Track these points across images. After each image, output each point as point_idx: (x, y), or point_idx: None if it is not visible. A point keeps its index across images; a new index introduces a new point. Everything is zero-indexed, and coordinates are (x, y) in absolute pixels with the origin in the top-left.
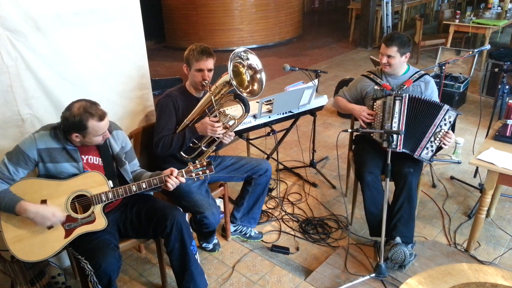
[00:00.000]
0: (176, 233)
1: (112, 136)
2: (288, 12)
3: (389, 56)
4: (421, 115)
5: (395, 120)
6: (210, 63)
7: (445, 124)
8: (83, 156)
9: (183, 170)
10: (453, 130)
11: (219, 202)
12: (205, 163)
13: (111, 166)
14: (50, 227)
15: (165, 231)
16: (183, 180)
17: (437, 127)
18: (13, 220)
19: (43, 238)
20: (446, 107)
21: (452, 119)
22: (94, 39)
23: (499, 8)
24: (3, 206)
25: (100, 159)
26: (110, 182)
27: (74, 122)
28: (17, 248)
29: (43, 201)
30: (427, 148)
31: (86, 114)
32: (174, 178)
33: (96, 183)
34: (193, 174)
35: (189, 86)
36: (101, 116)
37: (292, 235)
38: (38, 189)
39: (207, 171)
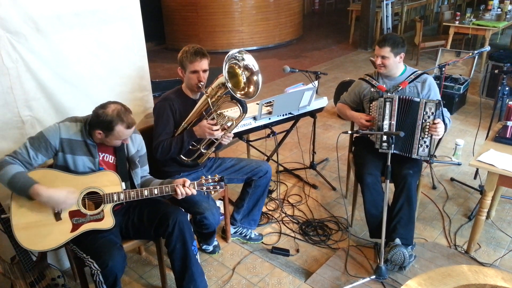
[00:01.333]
0: (178, 232)
1: (131, 138)
2: (288, 13)
3: (383, 57)
4: (409, 115)
5: (386, 122)
6: (204, 63)
7: (429, 117)
8: (100, 153)
9: (195, 182)
10: (444, 121)
11: (219, 203)
12: (216, 179)
13: (124, 167)
14: (58, 219)
15: (167, 230)
16: (194, 191)
17: (422, 121)
18: (24, 207)
19: (49, 229)
20: (423, 100)
21: (433, 110)
22: (94, 41)
23: (499, 9)
24: (19, 187)
25: (114, 158)
26: (123, 183)
27: (104, 121)
28: (22, 235)
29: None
30: (421, 145)
31: (118, 119)
32: (187, 189)
33: (110, 183)
34: (204, 188)
35: (186, 89)
36: (130, 124)
37: (292, 237)
38: (53, 180)
39: (218, 187)
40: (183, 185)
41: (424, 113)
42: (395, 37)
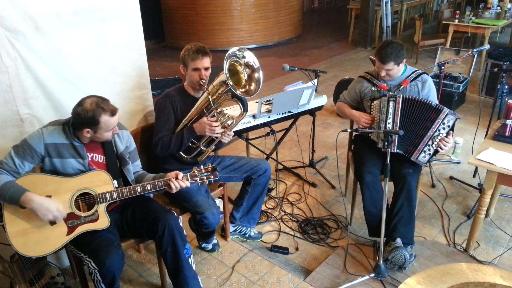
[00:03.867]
0: (168, 237)
1: (118, 135)
2: (288, 12)
3: (387, 69)
4: (418, 116)
5: (389, 121)
6: (206, 61)
7: (444, 128)
8: (88, 154)
9: (188, 174)
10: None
11: (219, 202)
12: (209, 168)
13: (115, 165)
14: (52, 223)
15: (157, 234)
16: (188, 184)
17: (436, 131)
18: (17, 214)
19: (45, 234)
20: (446, 110)
21: (451, 124)
22: (93, 39)
23: (499, 8)
24: (8, 196)
25: (104, 157)
26: (115, 181)
27: (87, 117)
28: (19, 242)
29: (48, 197)
30: (425, 152)
31: (99, 110)
32: (180, 181)
33: (101, 182)
34: (198, 179)
35: (187, 86)
36: (113, 111)
37: (291, 235)
38: (43, 185)
39: (212, 176)
40: (176, 178)
41: (441, 123)
42: (395, 48)
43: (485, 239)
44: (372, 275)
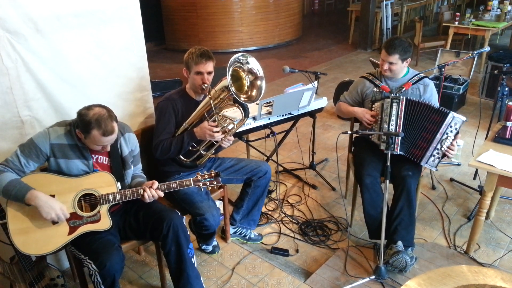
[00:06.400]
0: (172, 235)
1: (124, 138)
2: (288, 14)
3: (390, 63)
4: (421, 119)
5: (392, 122)
6: (209, 66)
7: (452, 132)
8: (93, 155)
9: (191, 179)
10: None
11: (219, 204)
12: (213, 174)
13: (119, 167)
14: (54, 222)
15: (161, 233)
16: (161, 194)
17: (444, 134)
18: (21, 212)
19: (46, 233)
20: (451, 114)
21: (458, 126)
22: (93, 41)
23: (499, 10)
24: (14, 193)
25: (108, 159)
26: (119, 183)
27: (83, 121)
28: (20, 240)
29: (51, 196)
30: (434, 156)
31: (95, 123)
32: (153, 191)
33: (105, 184)
34: (201, 184)
35: (189, 89)
36: (107, 132)
37: (291, 237)
38: (48, 184)
39: (214, 182)
40: (151, 187)
41: (449, 126)
42: (403, 43)
43: (486, 241)
44: (373, 277)
